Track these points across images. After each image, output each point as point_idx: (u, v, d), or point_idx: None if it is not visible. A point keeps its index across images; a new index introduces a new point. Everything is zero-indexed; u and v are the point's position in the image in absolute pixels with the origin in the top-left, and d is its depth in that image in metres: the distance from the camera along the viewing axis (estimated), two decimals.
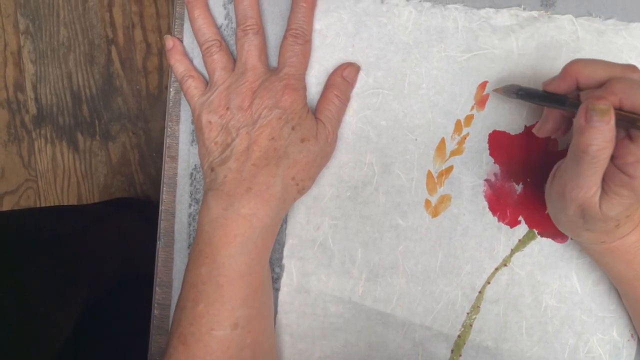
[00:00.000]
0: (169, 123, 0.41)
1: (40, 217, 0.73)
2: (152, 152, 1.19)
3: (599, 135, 0.30)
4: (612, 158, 0.31)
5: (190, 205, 0.41)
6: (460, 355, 0.41)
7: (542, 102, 0.35)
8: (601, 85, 0.31)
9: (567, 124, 0.35)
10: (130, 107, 1.17)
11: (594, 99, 0.30)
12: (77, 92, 1.17)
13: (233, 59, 0.40)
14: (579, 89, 0.33)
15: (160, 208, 0.42)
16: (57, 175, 1.19)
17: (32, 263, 0.58)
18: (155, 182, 1.19)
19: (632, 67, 0.32)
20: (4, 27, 1.16)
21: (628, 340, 0.41)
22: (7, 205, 1.21)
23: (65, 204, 1.20)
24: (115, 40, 1.15)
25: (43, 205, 1.21)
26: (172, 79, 0.41)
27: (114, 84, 1.16)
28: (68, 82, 1.16)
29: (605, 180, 0.31)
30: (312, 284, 0.41)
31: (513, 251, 0.40)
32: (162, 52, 1.15)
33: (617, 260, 0.36)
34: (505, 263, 0.40)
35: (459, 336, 0.41)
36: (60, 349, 0.58)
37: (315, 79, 0.40)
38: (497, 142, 0.40)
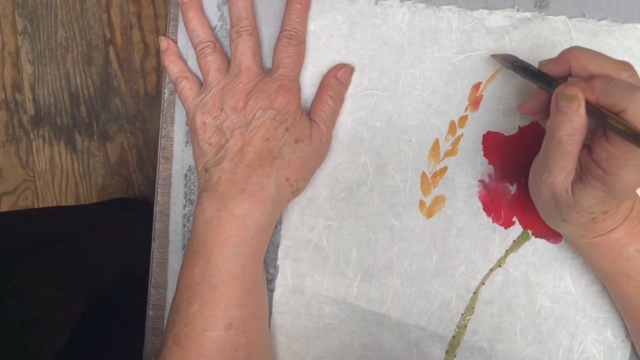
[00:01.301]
0: (164, 124, 0.41)
1: (40, 218, 0.73)
2: (150, 153, 1.19)
3: (567, 121, 0.30)
4: (590, 151, 0.31)
5: (184, 206, 0.41)
6: (455, 356, 0.41)
7: (532, 78, 0.35)
8: (590, 77, 0.31)
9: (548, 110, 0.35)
10: (128, 107, 1.17)
11: (566, 85, 0.30)
12: (75, 93, 1.17)
13: (227, 60, 0.40)
14: (570, 75, 0.33)
15: (155, 209, 0.42)
16: (55, 176, 1.19)
17: (32, 264, 0.58)
18: (153, 182, 1.19)
19: (624, 65, 0.31)
20: (1, 27, 1.16)
21: (622, 341, 0.41)
22: (5, 206, 1.21)
23: (64, 204, 1.20)
24: (113, 40, 1.15)
25: (41, 205, 1.21)
26: (167, 80, 0.41)
27: (112, 85, 1.16)
28: (66, 82, 1.16)
29: (583, 170, 0.32)
30: (307, 284, 0.41)
31: (507, 252, 0.40)
32: (160, 53, 1.15)
33: (601, 255, 0.36)
34: (499, 264, 0.41)
35: (453, 337, 0.41)
36: (61, 349, 0.58)
37: (309, 80, 0.40)
38: (491, 143, 0.40)
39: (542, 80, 0.34)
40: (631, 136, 0.28)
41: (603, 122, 0.30)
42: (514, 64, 0.36)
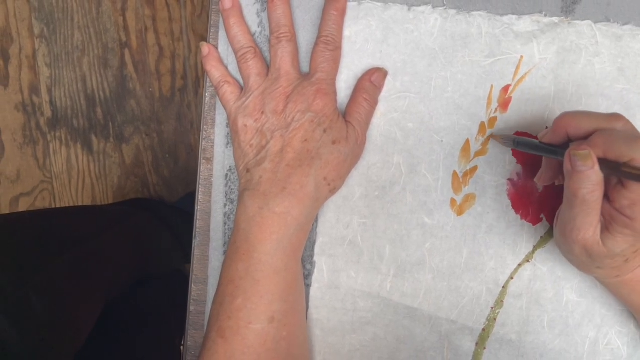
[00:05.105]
0: (204, 126, 0.43)
1: (60, 218, 0.74)
2: (165, 154, 1.20)
3: (586, 179, 0.31)
4: (611, 202, 0.33)
5: (225, 205, 0.43)
6: (485, 348, 0.43)
7: (537, 152, 0.37)
8: (589, 135, 0.33)
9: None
10: (143, 109, 1.19)
11: (577, 146, 0.32)
12: (91, 95, 1.19)
13: (267, 65, 0.41)
14: (570, 140, 0.35)
15: (195, 208, 0.43)
16: (72, 177, 1.21)
17: (55, 262, 0.59)
18: (168, 183, 1.21)
19: (615, 117, 0.33)
20: (19, 31, 1.17)
21: None
22: (22, 207, 1.22)
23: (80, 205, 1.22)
24: (129, 43, 1.17)
25: (58, 206, 1.22)
26: (208, 84, 0.43)
27: (128, 87, 1.18)
28: (82, 85, 1.18)
29: (608, 220, 0.33)
30: (342, 280, 0.43)
31: (535, 248, 0.42)
32: (174, 55, 1.17)
33: (632, 291, 0.37)
34: (527, 259, 0.42)
35: (483, 330, 0.43)
36: (81, 346, 0.60)
37: (344, 84, 0.42)
38: None
39: (546, 151, 0.36)
40: None
41: (617, 172, 0.31)
42: (515, 142, 0.37)
